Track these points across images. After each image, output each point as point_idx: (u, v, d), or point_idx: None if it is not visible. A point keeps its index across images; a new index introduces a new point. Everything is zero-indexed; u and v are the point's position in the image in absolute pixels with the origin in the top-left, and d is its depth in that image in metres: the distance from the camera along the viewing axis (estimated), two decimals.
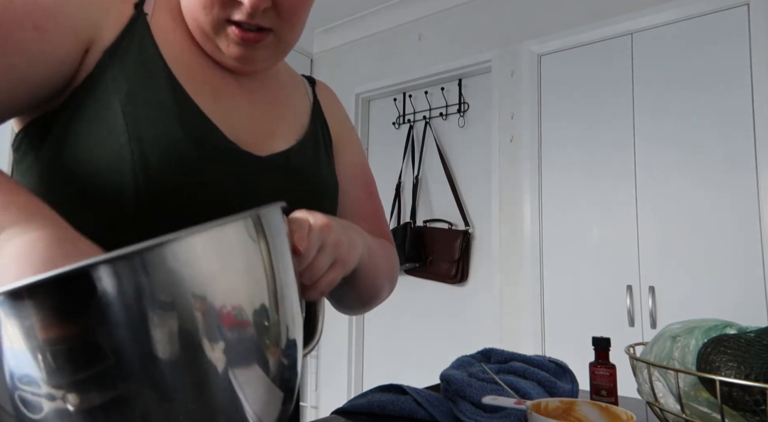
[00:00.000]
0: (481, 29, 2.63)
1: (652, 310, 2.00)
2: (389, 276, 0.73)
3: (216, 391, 0.32)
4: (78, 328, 0.29)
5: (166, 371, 0.30)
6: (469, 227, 2.59)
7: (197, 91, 0.57)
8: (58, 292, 0.28)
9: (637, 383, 0.67)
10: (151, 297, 0.30)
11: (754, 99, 1.91)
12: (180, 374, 0.31)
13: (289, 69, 0.77)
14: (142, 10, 0.56)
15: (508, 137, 2.47)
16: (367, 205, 0.78)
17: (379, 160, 3.02)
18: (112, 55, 0.53)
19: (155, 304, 0.30)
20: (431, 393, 0.77)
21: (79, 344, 0.29)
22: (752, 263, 1.86)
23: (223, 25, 0.57)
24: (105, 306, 0.29)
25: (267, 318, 0.36)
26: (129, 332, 0.29)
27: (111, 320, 0.29)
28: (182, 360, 0.31)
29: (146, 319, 0.30)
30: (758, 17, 1.92)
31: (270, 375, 0.36)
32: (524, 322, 2.31)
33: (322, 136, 0.72)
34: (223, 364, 0.32)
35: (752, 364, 0.55)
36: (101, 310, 0.29)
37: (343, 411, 0.78)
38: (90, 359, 0.29)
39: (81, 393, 0.29)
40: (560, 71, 2.37)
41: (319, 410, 2.98)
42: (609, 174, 2.18)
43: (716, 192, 1.95)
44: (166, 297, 0.30)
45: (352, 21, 3.09)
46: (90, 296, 0.29)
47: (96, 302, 0.29)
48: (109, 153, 0.50)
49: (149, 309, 0.30)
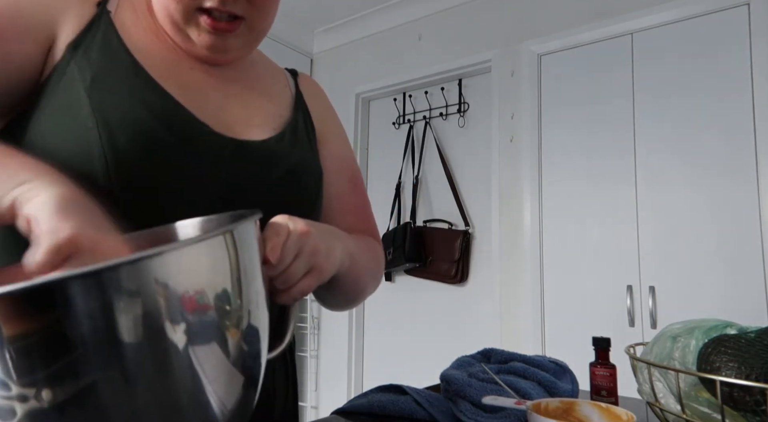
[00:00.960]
0: (481, 29, 2.63)
1: (652, 310, 2.00)
2: (373, 275, 0.72)
3: (178, 372, 0.33)
4: (43, 322, 0.29)
5: (130, 354, 0.31)
6: (469, 227, 2.59)
7: (160, 78, 0.56)
8: (22, 301, 0.28)
9: (638, 383, 0.67)
10: (117, 305, 0.30)
11: (755, 99, 1.90)
12: (144, 356, 0.32)
13: (269, 61, 0.76)
14: (105, 8, 0.57)
15: (508, 137, 2.47)
16: (352, 199, 0.76)
17: (379, 160, 3.02)
18: (76, 48, 0.53)
19: (120, 303, 0.30)
20: (431, 393, 0.77)
21: (45, 338, 0.29)
22: (752, 263, 1.85)
23: (193, 13, 0.57)
24: (70, 309, 0.29)
25: (229, 303, 0.36)
26: (92, 321, 0.30)
27: (75, 313, 0.29)
28: (145, 343, 0.32)
29: (111, 309, 0.30)
30: (758, 17, 1.92)
31: (230, 358, 0.37)
32: (524, 322, 2.31)
33: (304, 126, 0.71)
34: (183, 344, 0.33)
35: (753, 364, 0.55)
36: (65, 305, 0.29)
37: (343, 411, 0.78)
38: (57, 351, 0.29)
39: (52, 388, 0.29)
40: (560, 71, 2.37)
41: (319, 410, 2.98)
42: (609, 174, 2.18)
43: (716, 191, 1.95)
44: (128, 283, 0.31)
45: (352, 21, 3.09)
46: (55, 304, 0.29)
47: (62, 305, 0.29)
48: (77, 140, 0.50)
49: (114, 305, 0.30)
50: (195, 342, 0.34)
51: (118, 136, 0.50)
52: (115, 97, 0.52)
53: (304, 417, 2.97)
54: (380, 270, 0.76)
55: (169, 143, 0.53)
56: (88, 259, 0.36)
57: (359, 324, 2.93)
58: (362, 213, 0.77)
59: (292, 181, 0.63)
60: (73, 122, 0.50)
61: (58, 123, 0.51)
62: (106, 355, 0.30)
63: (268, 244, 0.45)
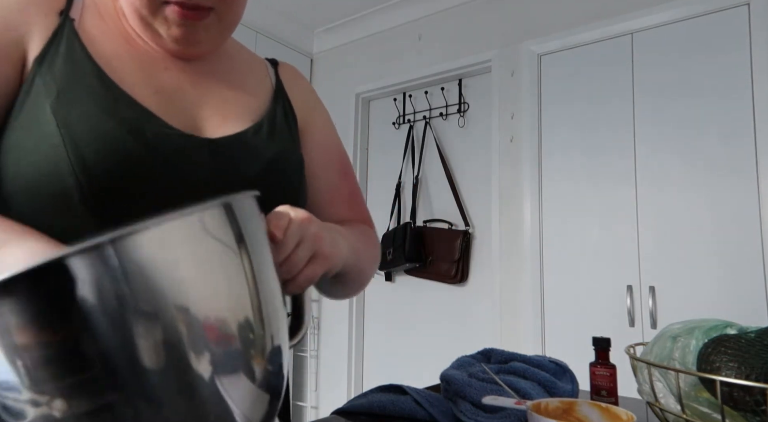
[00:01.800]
0: (481, 29, 2.63)
1: (652, 310, 2.00)
2: (372, 264, 0.72)
3: (204, 396, 0.32)
4: (56, 330, 0.28)
5: (151, 374, 0.30)
6: (469, 227, 2.59)
7: (133, 84, 0.56)
8: (33, 289, 0.28)
9: (638, 383, 0.67)
10: (129, 296, 0.29)
11: (755, 99, 1.90)
12: (166, 380, 0.31)
13: (247, 52, 0.75)
14: (67, 17, 0.56)
15: (508, 137, 2.47)
16: (343, 188, 0.75)
17: (379, 160, 3.02)
18: (41, 63, 0.53)
19: (132, 305, 0.29)
20: (431, 393, 0.77)
21: (58, 347, 0.28)
22: (752, 263, 1.85)
23: (160, 6, 0.56)
24: (80, 301, 0.28)
25: (252, 331, 0.35)
26: (107, 329, 0.29)
27: (88, 319, 0.28)
28: (167, 368, 0.30)
29: (125, 320, 0.29)
30: (758, 17, 1.92)
31: (256, 382, 0.36)
32: (524, 322, 2.31)
33: (284, 116, 0.69)
34: (209, 374, 0.32)
35: (753, 364, 0.55)
36: (78, 308, 0.28)
37: (343, 411, 0.78)
38: (70, 363, 0.28)
39: (67, 399, 0.28)
40: (560, 71, 2.37)
41: (319, 410, 2.98)
42: (609, 174, 2.18)
43: (716, 191, 1.94)
44: (146, 304, 0.30)
45: (352, 21, 3.09)
46: (63, 291, 0.28)
47: (71, 297, 0.28)
48: (46, 158, 0.49)
49: (127, 308, 0.29)
50: (219, 365, 0.33)
51: (86, 151, 0.49)
52: (81, 110, 0.51)
53: (304, 417, 2.97)
54: (378, 255, 0.76)
55: (138, 154, 0.52)
56: None
57: (359, 324, 2.93)
58: (354, 201, 0.76)
59: (272, 173, 0.62)
60: (41, 139, 0.49)
61: (27, 141, 0.50)
62: (118, 362, 0.29)
63: (270, 225, 0.45)
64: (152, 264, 0.30)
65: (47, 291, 0.28)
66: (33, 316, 0.28)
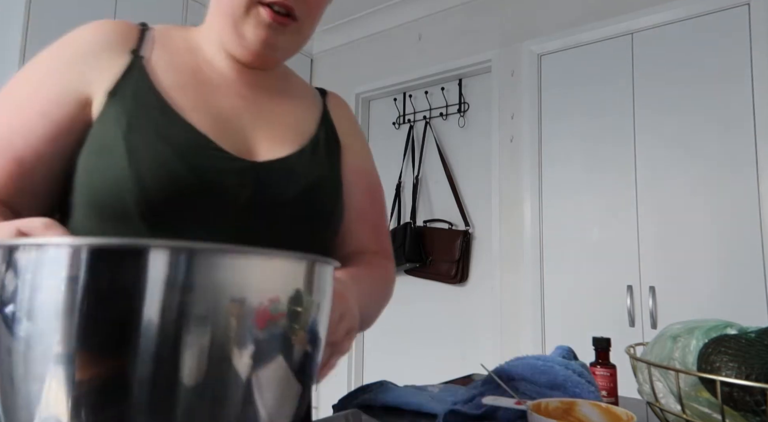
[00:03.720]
0: (481, 29, 2.63)
1: (652, 310, 2.00)
2: (382, 303, 0.77)
3: (237, 399, 0.33)
4: (121, 303, 0.30)
5: (188, 368, 0.31)
6: (469, 227, 2.59)
7: (191, 110, 0.62)
8: (122, 261, 0.30)
9: (638, 383, 0.67)
10: (193, 293, 0.31)
11: (755, 99, 1.90)
12: (205, 375, 0.31)
13: (300, 78, 0.80)
14: (138, 55, 0.63)
15: (509, 137, 2.47)
16: (369, 213, 0.79)
17: (379, 160, 3.00)
18: (114, 95, 0.60)
19: (195, 303, 0.31)
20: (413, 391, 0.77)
21: (116, 317, 0.30)
22: (752, 263, 1.85)
23: (254, 6, 0.62)
24: (149, 288, 0.30)
25: (300, 303, 0.36)
26: (162, 323, 0.30)
27: (145, 305, 0.30)
28: (209, 365, 0.31)
29: (182, 316, 0.31)
30: (759, 17, 1.92)
31: (293, 367, 0.36)
32: (524, 322, 2.31)
33: (327, 142, 0.73)
34: (248, 371, 0.33)
35: (753, 364, 0.55)
36: (144, 289, 0.30)
37: (361, 405, 0.78)
38: (118, 334, 0.30)
39: (89, 362, 0.30)
40: (560, 71, 2.37)
41: (319, 410, 2.98)
42: (609, 174, 2.18)
43: (717, 192, 1.94)
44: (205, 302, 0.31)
45: (352, 21, 3.09)
46: (141, 274, 0.30)
47: (143, 282, 0.30)
48: (113, 178, 0.57)
49: (188, 306, 0.31)
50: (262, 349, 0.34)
51: (146, 175, 0.57)
52: (145, 137, 0.58)
53: None
54: (390, 292, 0.80)
55: (185, 176, 0.58)
56: None
57: None
58: (378, 230, 0.80)
59: (309, 196, 0.67)
60: (112, 162, 0.57)
61: (99, 162, 0.58)
62: (163, 359, 0.30)
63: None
64: (223, 284, 0.32)
65: (131, 268, 0.30)
66: (109, 284, 0.30)
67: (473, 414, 0.67)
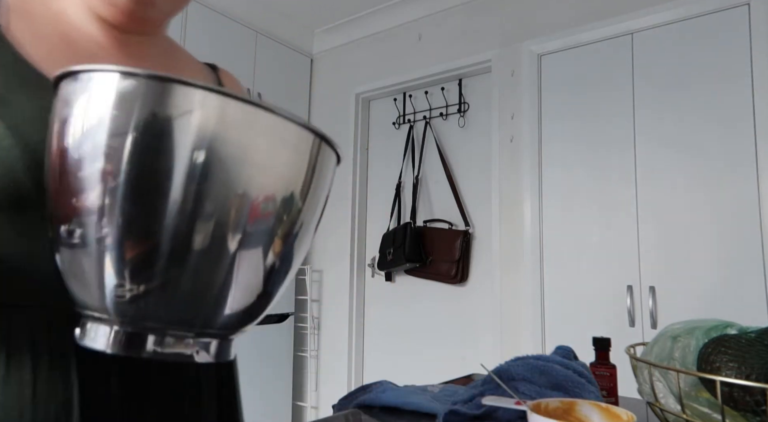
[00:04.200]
0: (481, 29, 2.63)
1: (652, 310, 2.00)
2: None
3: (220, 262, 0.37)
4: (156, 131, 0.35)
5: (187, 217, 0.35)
6: (469, 227, 2.59)
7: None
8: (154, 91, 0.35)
9: (638, 383, 0.67)
10: (207, 150, 0.35)
11: (755, 99, 1.90)
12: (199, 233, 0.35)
13: (188, 54, 0.75)
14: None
15: (509, 137, 2.47)
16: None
17: (379, 160, 3.02)
18: None
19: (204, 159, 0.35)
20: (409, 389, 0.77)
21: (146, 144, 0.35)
22: (752, 263, 1.85)
23: None
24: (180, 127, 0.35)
25: (289, 211, 0.39)
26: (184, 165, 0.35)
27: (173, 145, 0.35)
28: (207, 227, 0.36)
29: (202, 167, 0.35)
30: (759, 17, 1.92)
31: (263, 269, 0.39)
32: (524, 322, 2.31)
33: None
34: (235, 246, 0.37)
35: (753, 364, 0.55)
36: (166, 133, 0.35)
37: (361, 405, 0.78)
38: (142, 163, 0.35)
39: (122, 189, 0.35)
40: (560, 71, 2.37)
41: (319, 410, 2.98)
42: (609, 174, 2.18)
43: (717, 192, 1.94)
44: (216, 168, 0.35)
45: (352, 21, 3.09)
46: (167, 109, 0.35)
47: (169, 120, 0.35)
48: (0, 160, 0.50)
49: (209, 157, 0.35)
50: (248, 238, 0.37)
51: (37, 150, 0.50)
52: (25, 112, 0.52)
53: (305, 417, 2.97)
54: None
55: None
56: None
57: (359, 324, 2.93)
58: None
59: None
60: None
61: None
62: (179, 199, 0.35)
63: None
64: (237, 134, 0.36)
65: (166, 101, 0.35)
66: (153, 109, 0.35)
67: (473, 414, 0.67)
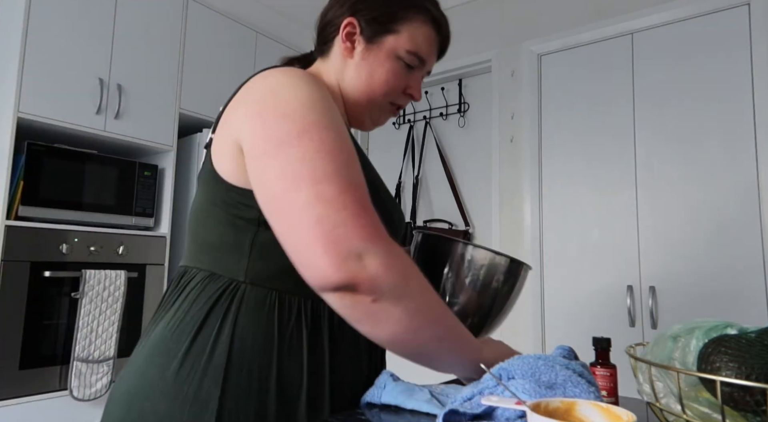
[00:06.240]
0: (481, 29, 2.63)
1: (652, 310, 2.00)
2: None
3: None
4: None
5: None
6: (470, 227, 2.59)
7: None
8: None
9: (638, 383, 0.67)
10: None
11: (755, 99, 1.90)
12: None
13: None
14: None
15: (509, 137, 2.47)
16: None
17: (380, 159, 3.01)
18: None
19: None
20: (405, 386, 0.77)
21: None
22: (753, 263, 1.85)
23: (386, 104, 0.81)
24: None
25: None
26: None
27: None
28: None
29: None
30: (758, 17, 1.92)
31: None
32: (524, 322, 2.31)
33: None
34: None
35: (753, 364, 0.55)
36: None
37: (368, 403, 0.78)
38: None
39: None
40: (560, 71, 2.37)
41: None
42: (609, 174, 2.18)
43: (717, 192, 1.94)
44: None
45: None
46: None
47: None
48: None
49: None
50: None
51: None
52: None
53: None
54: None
55: None
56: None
57: None
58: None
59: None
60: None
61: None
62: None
63: None
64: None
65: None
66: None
67: (473, 414, 0.67)
